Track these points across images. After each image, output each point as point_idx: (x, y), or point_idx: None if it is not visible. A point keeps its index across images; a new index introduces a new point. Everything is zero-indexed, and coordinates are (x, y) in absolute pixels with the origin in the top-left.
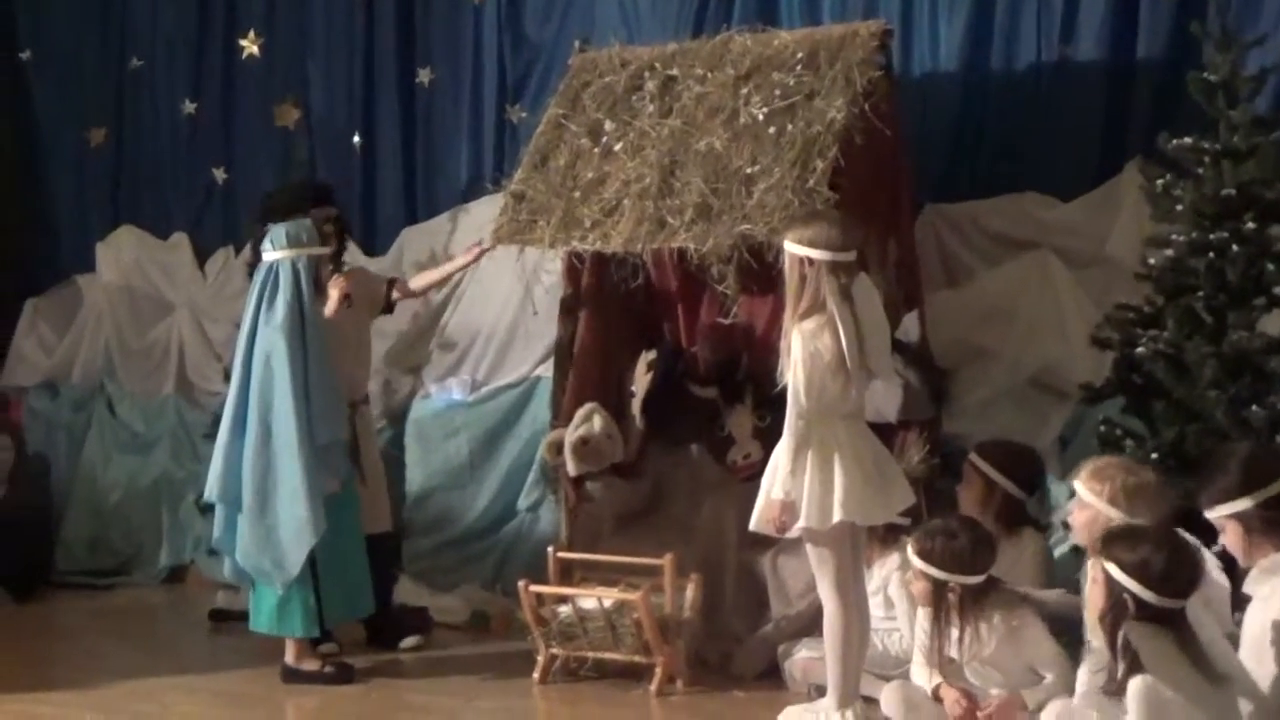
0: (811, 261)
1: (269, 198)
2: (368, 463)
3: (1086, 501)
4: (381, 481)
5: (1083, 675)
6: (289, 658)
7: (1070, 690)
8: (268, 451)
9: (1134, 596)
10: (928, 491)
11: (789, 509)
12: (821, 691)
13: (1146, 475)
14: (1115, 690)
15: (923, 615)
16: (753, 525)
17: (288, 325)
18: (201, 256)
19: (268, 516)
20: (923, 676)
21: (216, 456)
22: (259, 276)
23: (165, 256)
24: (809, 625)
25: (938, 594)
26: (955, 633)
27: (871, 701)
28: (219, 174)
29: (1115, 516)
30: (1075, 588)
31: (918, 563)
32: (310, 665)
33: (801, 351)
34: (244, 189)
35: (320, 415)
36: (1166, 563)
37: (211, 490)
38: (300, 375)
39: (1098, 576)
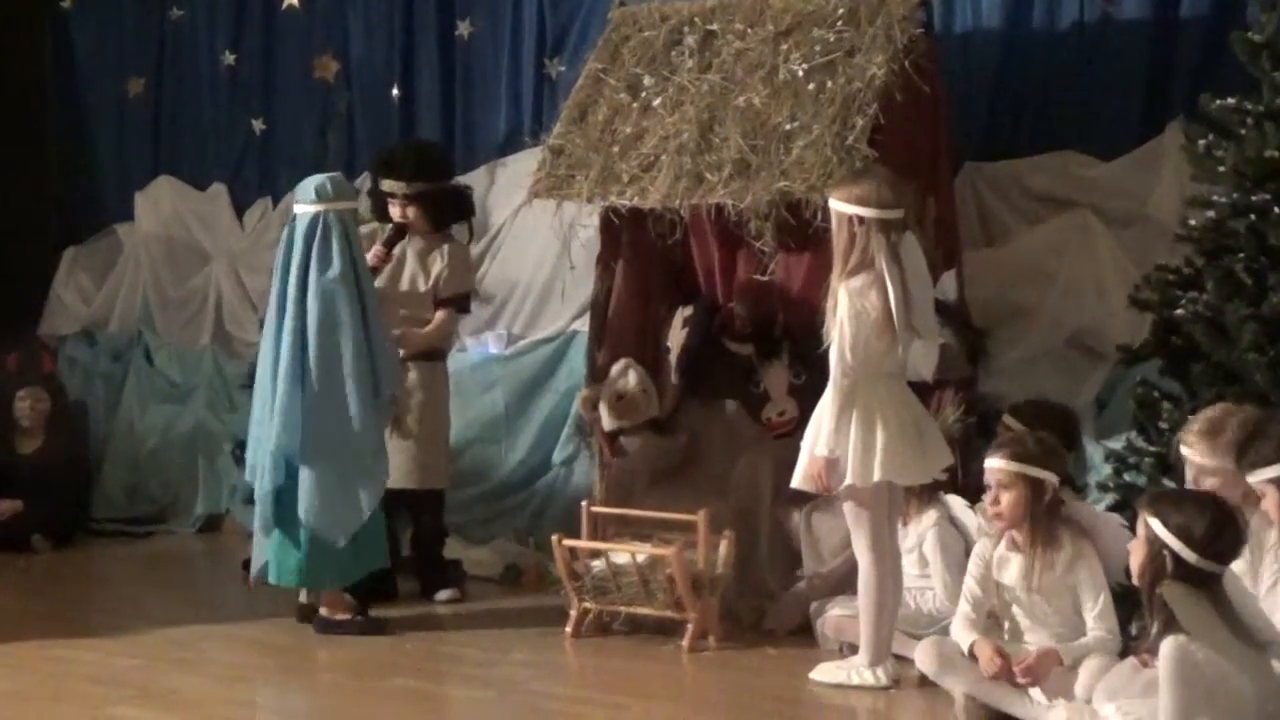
0: (861, 220)
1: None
2: (415, 417)
3: (1213, 467)
4: (434, 438)
5: None
6: (323, 609)
7: (1108, 641)
8: (329, 411)
9: (1173, 555)
10: (963, 451)
11: (833, 467)
12: (853, 649)
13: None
14: (1149, 649)
15: (974, 566)
16: (795, 482)
17: (347, 278)
18: (239, 207)
19: (335, 471)
20: (961, 634)
21: (279, 410)
22: (301, 228)
23: (204, 207)
24: (841, 583)
25: (1035, 494)
26: (1038, 550)
27: (903, 660)
28: (258, 125)
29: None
30: None
31: (1014, 465)
32: (343, 615)
33: (848, 309)
34: (282, 141)
35: (383, 370)
36: (1210, 525)
37: (282, 445)
38: (361, 329)
39: (1140, 534)
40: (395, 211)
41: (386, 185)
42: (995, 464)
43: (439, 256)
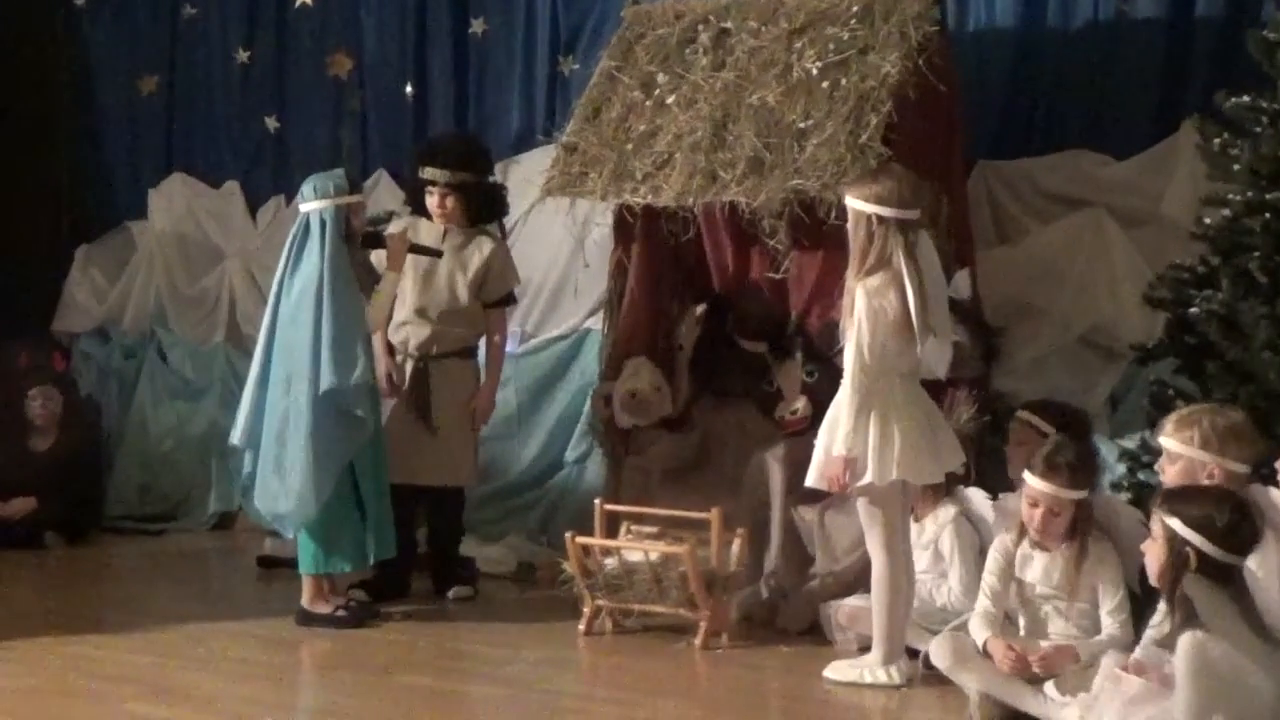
0: (880, 218)
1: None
2: (439, 414)
3: (1177, 452)
4: (463, 435)
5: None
6: (303, 600)
7: (1120, 639)
8: (286, 401)
9: (1196, 550)
10: (976, 449)
11: (851, 466)
12: (865, 644)
13: (1234, 415)
14: (1167, 643)
15: (994, 560)
16: (810, 481)
17: (313, 275)
18: (253, 205)
19: (282, 466)
20: (978, 630)
21: (243, 402)
22: (295, 228)
23: (217, 205)
24: (854, 582)
25: (1082, 512)
26: (1073, 552)
27: (918, 654)
28: (271, 123)
29: (1209, 460)
30: None
31: (1071, 493)
32: (322, 608)
33: (865, 309)
34: (295, 138)
35: (328, 362)
36: (1230, 517)
37: (236, 435)
38: (317, 325)
39: (1158, 533)
40: (433, 201)
41: (429, 173)
42: (1049, 490)
43: (476, 252)
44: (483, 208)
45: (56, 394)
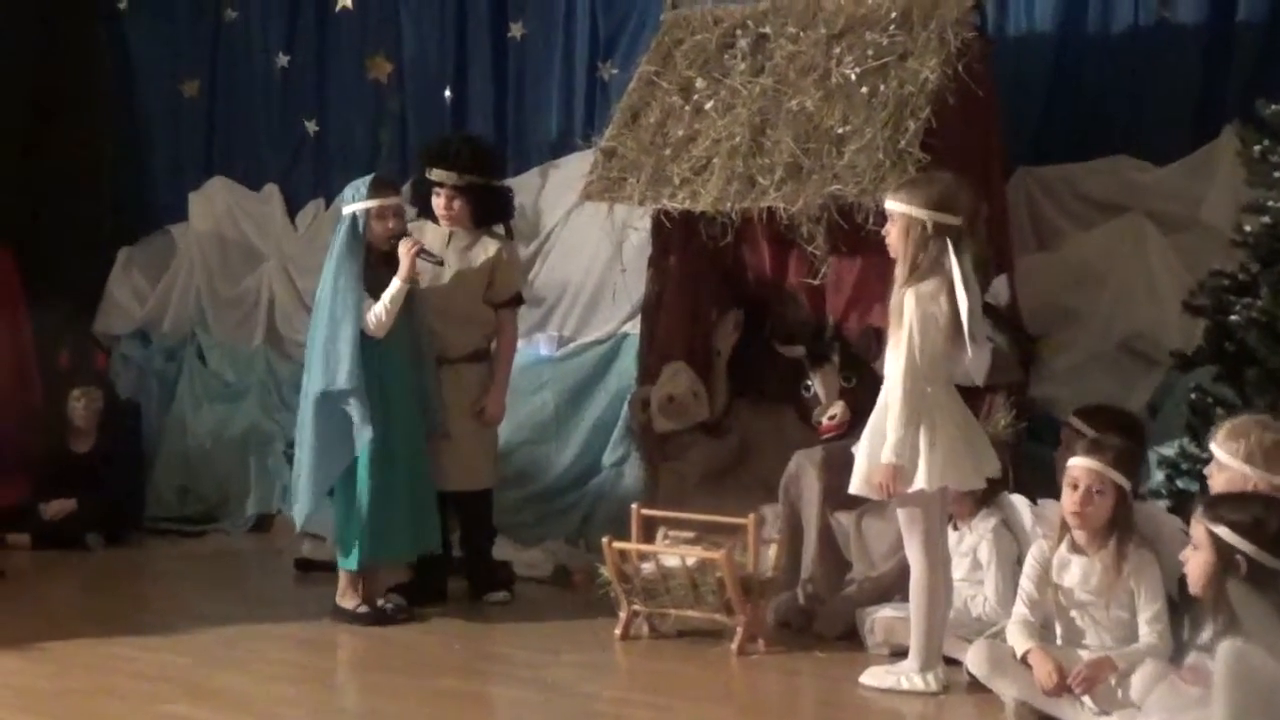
0: (931, 224)
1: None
2: (453, 420)
3: (1224, 462)
4: (478, 439)
5: None
6: (337, 595)
7: (1158, 647)
8: (304, 398)
9: (1246, 557)
10: (1014, 456)
11: (898, 473)
12: (901, 654)
13: None
14: (1208, 648)
15: (1031, 568)
16: (854, 488)
17: (326, 280)
18: (293, 208)
19: (300, 460)
20: (1017, 639)
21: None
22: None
23: (257, 207)
24: (891, 588)
25: (1121, 500)
26: (1114, 555)
27: (953, 663)
28: (311, 126)
29: (1253, 475)
30: None
31: (1112, 472)
32: (351, 604)
33: (917, 314)
34: (335, 141)
35: (319, 366)
36: (1279, 522)
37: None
38: (317, 329)
39: (1202, 541)
40: (439, 203)
41: (437, 175)
42: (1093, 466)
43: (483, 254)
44: (490, 210)
45: (98, 395)
